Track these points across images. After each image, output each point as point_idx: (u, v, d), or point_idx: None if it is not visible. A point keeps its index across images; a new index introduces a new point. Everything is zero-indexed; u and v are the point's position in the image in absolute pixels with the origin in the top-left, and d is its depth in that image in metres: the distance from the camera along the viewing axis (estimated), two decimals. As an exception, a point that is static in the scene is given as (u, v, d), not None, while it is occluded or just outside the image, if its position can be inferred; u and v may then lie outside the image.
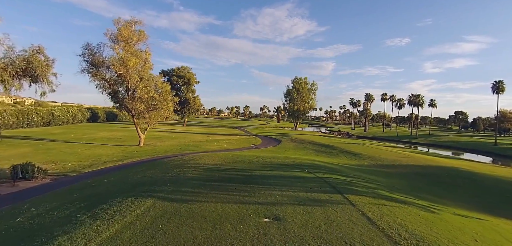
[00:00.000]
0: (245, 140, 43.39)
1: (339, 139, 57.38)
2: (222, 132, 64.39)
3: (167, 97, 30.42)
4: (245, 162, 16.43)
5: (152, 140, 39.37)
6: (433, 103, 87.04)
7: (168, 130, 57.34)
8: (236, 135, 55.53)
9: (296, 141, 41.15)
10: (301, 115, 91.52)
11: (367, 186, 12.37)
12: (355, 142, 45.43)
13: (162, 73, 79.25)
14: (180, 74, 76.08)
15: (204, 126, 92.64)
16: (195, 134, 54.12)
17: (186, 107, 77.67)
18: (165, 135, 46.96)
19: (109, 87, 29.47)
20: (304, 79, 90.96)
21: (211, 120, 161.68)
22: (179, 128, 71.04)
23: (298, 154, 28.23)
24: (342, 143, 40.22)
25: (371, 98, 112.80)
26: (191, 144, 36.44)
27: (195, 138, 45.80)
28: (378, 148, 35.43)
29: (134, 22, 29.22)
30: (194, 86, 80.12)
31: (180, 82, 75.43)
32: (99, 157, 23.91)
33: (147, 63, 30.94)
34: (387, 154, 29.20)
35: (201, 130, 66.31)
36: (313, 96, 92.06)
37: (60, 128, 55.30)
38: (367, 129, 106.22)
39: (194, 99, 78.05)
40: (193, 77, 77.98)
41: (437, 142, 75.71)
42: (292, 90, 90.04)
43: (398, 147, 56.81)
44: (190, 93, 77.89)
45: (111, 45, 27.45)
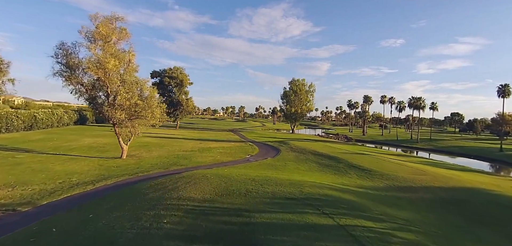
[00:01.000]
0: (240, 148, 40.03)
1: (340, 145, 54.33)
2: (216, 136, 60.91)
3: (152, 104, 26.83)
4: (241, 193, 13.09)
5: (138, 149, 35.79)
6: (434, 106, 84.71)
7: (159, 135, 53.71)
8: (231, 141, 52.13)
9: (296, 150, 37.90)
10: (299, 117, 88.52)
11: (406, 240, 9.13)
12: (359, 151, 42.37)
13: (153, 74, 75.81)
14: (172, 75, 72.39)
15: (198, 128, 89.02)
16: (187, 139, 50.57)
17: (179, 109, 74.03)
18: (153, 142, 43.35)
19: (86, 92, 25.85)
20: (301, 81, 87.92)
21: (206, 122, 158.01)
22: (171, 131, 67.36)
23: (301, 171, 24.97)
24: (346, 153, 37.10)
25: (370, 100, 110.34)
26: (181, 154, 32.95)
27: (186, 145, 42.27)
28: (387, 160, 32.36)
29: (115, 18, 25.66)
30: (187, 87, 76.55)
31: (172, 83, 71.76)
32: (70, 177, 20.34)
33: (130, 65, 27.38)
34: (398, 169, 26.10)
35: (194, 134, 62.75)
36: (310, 98, 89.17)
37: (42, 133, 51.33)
38: (365, 131, 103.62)
39: (187, 102, 74.39)
40: (186, 78, 74.34)
41: (439, 147, 73.20)
42: (289, 92, 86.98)
43: (402, 155, 54.02)
44: (183, 95, 74.24)
45: (87, 44, 23.85)
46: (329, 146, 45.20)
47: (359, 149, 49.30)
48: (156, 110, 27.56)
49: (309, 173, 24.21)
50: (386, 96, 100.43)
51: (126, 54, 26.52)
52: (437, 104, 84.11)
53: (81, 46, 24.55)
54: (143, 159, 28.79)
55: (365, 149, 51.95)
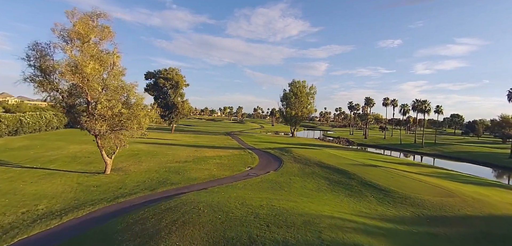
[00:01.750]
0: (239, 158, 36.80)
1: (345, 152, 51.24)
2: (213, 141, 57.63)
3: (138, 113, 23.52)
4: (242, 239, 9.92)
5: (127, 160, 32.48)
6: (439, 109, 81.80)
7: (152, 141, 50.37)
8: (229, 147, 48.90)
9: (300, 161, 34.74)
10: (299, 121, 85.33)
11: None
12: (368, 161, 39.30)
13: (147, 75, 72.39)
14: (167, 76, 68.99)
15: (194, 131, 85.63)
16: (181, 146, 47.26)
17: (174, 112, 70.65)
18: (145, 150, 40.03)
19: (62, 100, 22.52)
20: (302, 83, 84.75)
21: (203, 123, 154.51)
22: (165, 136, 63.99)
23: (309, 190, 21.78)
24: (355, 164, 33.99)
25: (371, 102, 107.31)
26: (173, 167, 29.67)
27: (180, 154, 38.99)
28: (402, 174, 29.25)
29: (96, 15, 22.31)
30: (183, 89, 73.14)
31: (167, 85, 68.36)
32: (38, 203, 17.05)
33: (115, 68, 24.05)
34: (420, 188, 23.02)
35: (190, 139, 59.43)
36: (311, 101, 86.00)
37: (26, 139, 47.95)
38: (367, 135, 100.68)
39: (183, 104, 71.01)
40: (181, 80, 70.94)
41: (445, 153, 70.35)
42: (289, 94, 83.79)
43: (413, 163, 51.12)
44: (178, 97, 70.86)
45: (62, 45, 20.51)
46: (334, 155, 42.10)
47: (366, 157, 46.26)
48: (144, 119, 24.25)
49: (319, 194, 21.04)
50: (388, 99, 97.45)
51: (109, 56, 23.19)
52: (442, 108, 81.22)
53: (57, 47, 21.20)
54: (129, 174, 25.49)
55: (372, 156, 48.90)
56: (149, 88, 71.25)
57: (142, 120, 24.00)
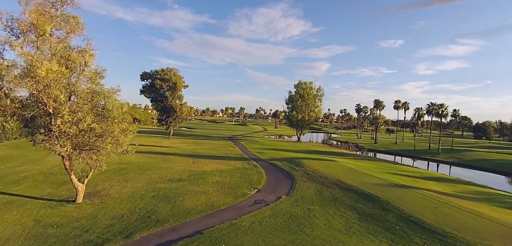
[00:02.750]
0: (242, 174, 31.52)
1: (362, 163, 45.99)
2: (213, 149, 52.40)
3: (113, 130, 18.29)
4: None
5: (109, 178, 27.28)
6: (456, 113, 76.30)
7: (146, 148, 45.23)
8: (230, 157, 43.66)
9: (315, 179, 29.45)
10: (306, 125, 79.88)
11: None
12: (394, 178, 33.98)
13: (143, 76, 67.32)
14: (164, 77, 63.86)
15: (194, 136, 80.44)
16: (177, 156, 42.06)
17: (172, 116, 65.53)
18: (135, 162, 34.89)
19: (14, 113, 17.34)
20: (309, 84, 79.33)
21: (204, 125, 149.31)
22: (162, 142, 58.86)
23: (338, 231, 16.44)
24: (381, 184, 28.71)
25: (381, 105, 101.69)
26: (163, 190, 24.48)
27: (175, 167, 33.78)
28: (445, 201, 23.93)
29: (60, 2, 17.12)
30: (182, 91, 67.96)
31: (164, 86, 63.21)
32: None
33: (86, 70, 18.85)
34: (480, 226, 17.79)
35: (188, 146, 54.25)
36: (319, 103, 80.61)
37: (8, 147, 43.41)
38: (377, 139, 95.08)
39: (181, 108, 65.84)
40: (180, 81, 65.78)
41: (465, 161, 64.78)
42: (295, 97, 78.37)
43: (443, 178, 45.79)
44: (176, 100, 65.70)
45: (9, 40, 15.32)
46: (351, 169, 36.80)
47: (387, 169, 40.94)
48: (122, 135, 19.07)
49: (351, 238, 15.75)
50: (400, 101, 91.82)
51: (78, 55, 17.99)
52: (459, 112, 75.84)
53: (6, 43, 16.02)
54: (106, 204, 20.28)
55: (393, 169, 43.57)
56: (145, 90, 66.19)
57: (121, 137, 18.78)
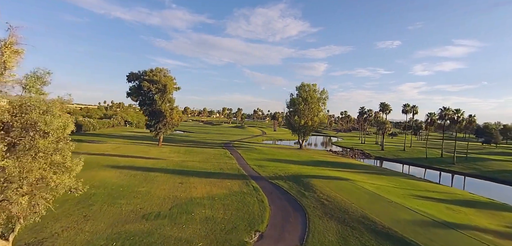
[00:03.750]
0: (239, 207, 24.94)
1: (380, 180, 39.73)
2: (206, 162, 45.85)
3: (37, 165, 11.73)
4: None
5: (66, 213, 20.59)
6: (472, 119, 70.28)
7: (128, 161, 38.76)
8: (226, 175, 37.17)
9: (333, 215, 23.05)
10: (309, 131, 73.53)
11: None
12: (428, 208, 27.69)
13: (130, 77, 60.59)
14: (153, 78, 57.15)
15: (186, 142, 73.70)
16: (163, 172, 35.48)
17: (161, 122, 58.83)
18: (108, 185, 28.26)
19: None
20: (312, 86, 72.96)
21: (200, 128, 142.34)
22: (149, 151, 52.24)
23: None
24: (421, 223, 22.37)
25: (388, 108, 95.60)
26: (132, 235, 17.94)
27: (157, 192, 27.22)
28: None
29: None
30: (173, 94, 61.25)
31: (153, 89, 56.48)
32: None
33: (7, 72, 12.30)
34: None
35: (178, 157, 47.64)
36: (323, 107, 74.29)
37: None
38: (383, 145, 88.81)
39: (171, 112, 59.13)
40: (170, 82, 59.08)
41: (485, 172, 58.76)
42: (297, 100, 71.94)
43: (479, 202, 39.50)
44: (166, 104, 58.99)
45: None
46: (373, 193, 30.46)
47: (410, 187, 34.73)
48: (57, 175, 12.57)
49: None
50: (408, 105, 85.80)
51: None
52: (475, 117, 69.88)
53: None
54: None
55: (416, 187, 37.32)
56: (132, 92, 59.44)
57: (53, 179, 12.26)
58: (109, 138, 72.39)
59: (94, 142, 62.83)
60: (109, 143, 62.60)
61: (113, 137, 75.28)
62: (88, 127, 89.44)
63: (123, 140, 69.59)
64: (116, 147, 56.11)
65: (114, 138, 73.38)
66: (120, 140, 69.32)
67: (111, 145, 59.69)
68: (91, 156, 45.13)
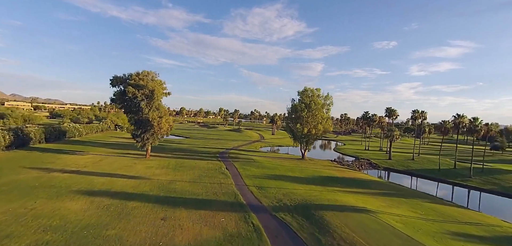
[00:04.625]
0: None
1: (403, 210, 33.81)
2: (198, 184, 39.61)
3: None
4: None
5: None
6: (490, 128, 64.71)
7: (103, 183, 32.44)
8: (220, 205, 30.95)
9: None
10: (312, 140, 67.51)
11: None
12: None
13: (114, 81, 54.08)
14: (139, 83, 50.75)
15: (178, 151, 67.20)
16: (144, 203, 29.11)
17: (149, 132, 52.42)
18: (70, 222, 21.87)
19: None
20: (316, 91, 66.99)
21: (194, 132, 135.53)
22: (134, 165, 45.85)
23: None
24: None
25: (395, 114, 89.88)
26: None
27: (130, 238, 20.93)
28: None
29: None
30: (162, 100, 54.81)
31: (138, 95, 50.05)
32: None
33: None
34: None
35: (165, 178, 41.30)
36: (327, 114, 68.27)
37: None
38: (391, 154, 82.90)
39: (160, 121, 52.74)
40: (159, 88, 52.69)
41: (507, 188, 53.11)
42: (299, 106, 65.85)
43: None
44: (154, 111, 52.57)
45: None
46: (402, 235, 24.40)
47: (448, 220, 28.81)
48: None
49: None
50: (418, 111, 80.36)
51: None
52: (493, 126, 64.49)
53: None
54: None
55: (450, 218, 31.39)
56: (116, 99, 52.94)
57: None
58: (93, 147, 65.84)
59: (75, 153, 56.36)
60: (91, 154, 56.14)
61: (98, 145, 68.71)
62: (73, 133, 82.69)
63: (107, 150, 63.05)
64: (96, 161, 49.62)
65: (99, 147, 66.82)
66: (105, 150, 62.78)
67: (92, 157, 53.21)
68: (64, 174, 38.83)
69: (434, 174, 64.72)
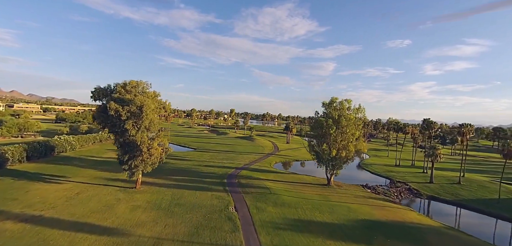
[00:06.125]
0: None
1: None
2: (191, 231, 28.26)
3: None
4: None
5: None
6: None
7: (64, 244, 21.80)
8: None
9: None
10: (342, 163, 54.92)
11: None
12: None
13: (96, 94, 43.25)
14: (124, 97, 39.83)
15: (176, 177, 55.94)
16: None
17: (137, 158, 41.42)
18: None
19: None
20: (346, 103, 54.48)
21: (202, 141, 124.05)
22: (113, 209, 34.98)
23: None
24: None
25: (434, 126, 76.14)
26: None
27: None
28: None
29: None
30: (152, 121, 43.39)
31: (123, 112, 39.03)
32: None
33: None
34: None
35: (154, 229, 30.13)
36: (359, 133, 55.46)
37: None
38: (433, 177, 68.86)
39: (151, 145, 41.63)
40: (150, 103, 41.43)
41: None
42: (325, 122, 53.32)
43: None
44: (143, 133, 41.50)
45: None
46: None
47: None
48: None
49: None
50: (466, 125, 66.60)
51: None
52: None
53: None
54: None
55: None
56: (97, 117, 42.23)
57: None
58: (79, 168, 55.65)
59: (53, 179, 46.36)
60: (71, 181, 45.86)
61: (87, 165, 58.49)
62: (64, 148, 72.94)
63: (94, 173, 52.60)
64: (72, 195, 39.12)
65: (86, 168, 56.55)
66: (91, 173, 52.35)
67: (71, 186, 42.80)
68: (16, 225, 28.41)
69: (494, 207, 51.25)
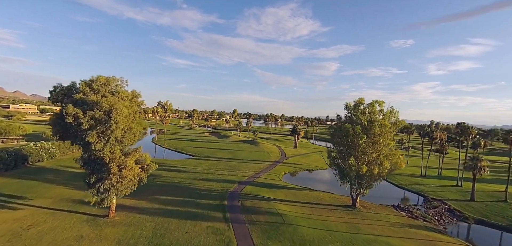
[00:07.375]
0: None
1: None
2: None
3: None
4: None
5: None
6: None
7: None
8: None
9: None
10: (372, 181, 43.78)
11: None
12: None
13: (55, 94, 32.45)
14: (87, 99, 29.25)
15: (164, 196, 45.04)
16: None
17: (107, 180, 30.72)
18: None
19: None
20: (378, 105, 43.45)
21: (202, 147, 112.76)
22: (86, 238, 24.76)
23: None
24: None
25: (471, 132, 64.70)
26: None
27: None
28: None
29: None
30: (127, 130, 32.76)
31: (84, 120, 28.36)
32: None
33: None
34: None
35: None
36: (392, 143, 44.22)
37: None
38: (474, 194, 57.19)
39: (124, 163, 30.91)
40: (123, 106, 30.70)
41: None
42: (352, 130, 42.27)
43: None
44: (114, 146, 30.84)
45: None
46: None
47: None
48: None
49: None
50: None
51: None
52: None
53: None
54: None
55: None
56: (53, 124, 31.65)
57: None
58: (48, 184, 45.28)
59: (7, 202, 36.32)
60: (30, 206, 35.65)
61: (57, 181, 48.03)
62: (40, 156, 62.73)
63: (63, 191, 42.09)
64: (19, 231, 28.73)
65: (56, 184, 46.12)
66: (59, 192, 41.83)
67: (24, 216, 32.26)
68: None
69: None
